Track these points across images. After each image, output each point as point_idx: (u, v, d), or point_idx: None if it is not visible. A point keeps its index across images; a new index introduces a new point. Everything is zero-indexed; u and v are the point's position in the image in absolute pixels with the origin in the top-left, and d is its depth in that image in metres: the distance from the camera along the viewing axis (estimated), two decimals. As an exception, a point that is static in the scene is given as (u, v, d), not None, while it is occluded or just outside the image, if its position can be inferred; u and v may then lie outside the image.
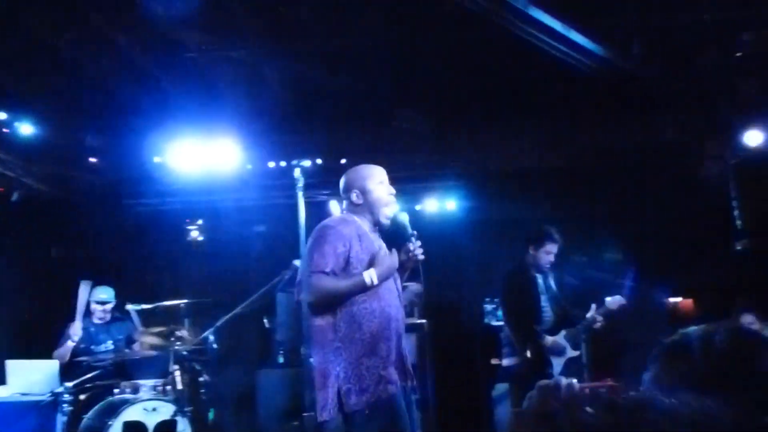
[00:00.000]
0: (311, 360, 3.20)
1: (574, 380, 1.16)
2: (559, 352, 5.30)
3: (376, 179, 3.43)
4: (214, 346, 5.61)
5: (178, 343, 5.49)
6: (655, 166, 6.59)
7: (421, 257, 3.34)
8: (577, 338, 5.39)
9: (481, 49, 5.38)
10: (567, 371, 5.25)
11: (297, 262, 5.49)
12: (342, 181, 3.54)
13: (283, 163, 6.87)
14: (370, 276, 3.19)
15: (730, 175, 6.02)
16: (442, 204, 7.13)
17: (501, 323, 6.79)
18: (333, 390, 3.14)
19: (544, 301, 5.36)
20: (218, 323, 5.49)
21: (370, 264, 3.25)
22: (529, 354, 5.21)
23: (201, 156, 6.31)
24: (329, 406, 3.12)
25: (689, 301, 8.30)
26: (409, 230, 3.37)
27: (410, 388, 3.35)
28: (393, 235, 3.50)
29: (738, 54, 5.60)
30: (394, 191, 3.44)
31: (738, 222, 6.11)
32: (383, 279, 3.23)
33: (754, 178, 6.13)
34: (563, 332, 5.37)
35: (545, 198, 6.74)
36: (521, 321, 5.28)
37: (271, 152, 6.82)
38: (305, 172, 4.28)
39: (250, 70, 5.86)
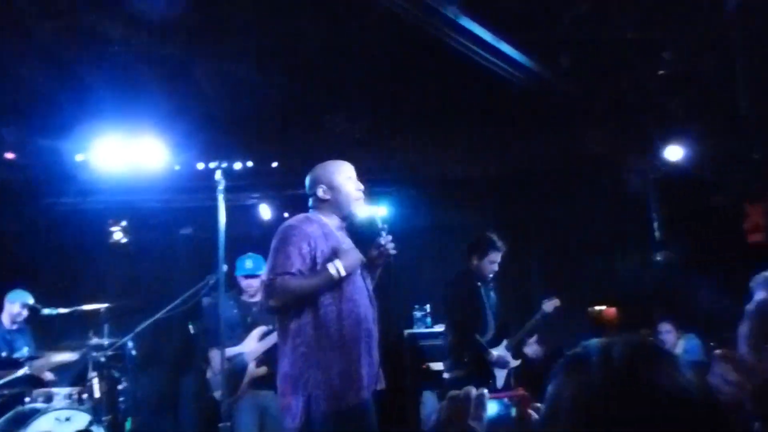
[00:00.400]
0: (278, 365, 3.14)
1: (485, 390, 1.17)
2: (503, 364, 5.26)
3: (344, 174, 3.30)
4: (133, 352, 5.43)
5: (96, 349, 5.30)
6: (581, 178, 6.76)
7: (393, 251, 3.22)
8: (518, 347, 5.39)
9: (414, 56, 5.41)
10: (507, 384, 5.23)
11: (224, 267, 5.41)
12: (308, 178, 3.38)
13: (212, 165, 6.71)
14: (336, 267, 3.05)
15: (651, 188, 6.23)
16: (372, 210, 7.10)
17: (432, 330, 6.84)
18: (301, 396, 3.01)
19: (487, 312, 5.29)
20: (138, 329, 5.30)
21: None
22: (467, 365, 5.14)
23: (126, 155, 6.10)
24: (297, 412, 3.01)
25: (613, 310, 8.56)
26: (379, 224, 3.26)
27: (379, 392, 3.26)
28: (360, 233, 3.42)
29: (660, 72, 5.82)
30: (362, 187, 3.32)
31: (657, 234, 6.32)
32: (350, 270, 3.10)
33: (673, 192, 6.36)
34: (504, 342, 5.34)
35: (473, 206, 6.82)
36: (466, 333, 5.15)
37: (200, 153, 6.66)
38: (227, 174, 4.18)
39: (178, 67, 5.72)
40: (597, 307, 8.60)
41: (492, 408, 1.24)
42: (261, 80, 5.85)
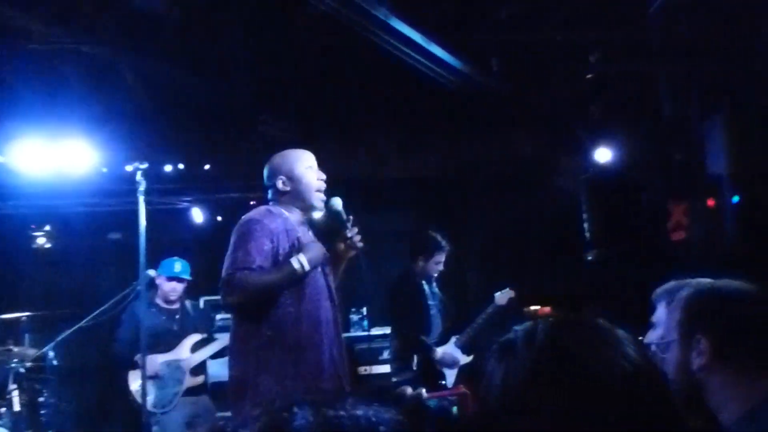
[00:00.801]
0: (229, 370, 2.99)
1: (423, 390, 1.14)
2: (451, 363, 5.20)
3: (305, 163, 3.16)
4: (55, 362, 5.24)
5: (16, 360, 5.08)
6: (514, 180, 6.87)
7: (360, 244, 3.09)
8: (468, 344, 5.32)
9: (345, 57, 5.40)
10: (460, 379, 5.17)
11: (151, 272, 5.26)
12: (266, 169, 3.23)
13: (144, 165, 6.53)
14: (300, 261, 2.90)
15: (581, 189, 6.36)
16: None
17: (370, 333, 6.79)
18: (249, 402, 2.85)
19: (434, 311, 5.26)
20: (60, 337, 5.11)
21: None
22: (415, 367, 5.07)
23: (50, 157, 5.86)
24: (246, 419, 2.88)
25: (547, 309, 8.71)
26: (344, 216, 3.13)
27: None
28: (324, 227, 3.30)
29: (588, 75, 5.96)
30: (324, 176, 3.19)
31: (587, 234, 6.45)
32: (314, 264, 2.95)
33: (602, 192, 6.51)
34: (453, 339, 5.30)
35: (407, 208, 6.84)
36: (410, 334, 5.09)
37: (129, 156, 6.47)
38: (156, 176, 4.06)
39: (105, 67, 5.55)
40: (533, 307, 8.74)
41: (432, 406, 1.22)
42: (192, 81, 5.74)
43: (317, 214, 3.32)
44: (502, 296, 5.55)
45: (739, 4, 4.89)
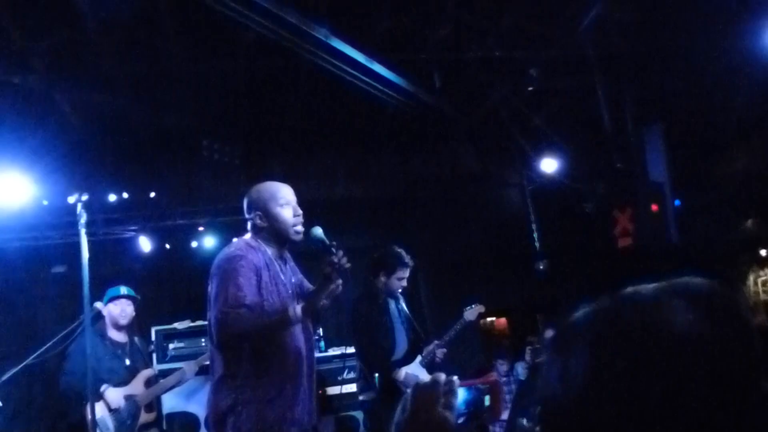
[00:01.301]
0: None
1: (455, 377, 1.06)
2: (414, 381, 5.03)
3: (280, 200, 3.04)
4: (0, 404, 5.04)
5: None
6: (461, 194, 6.92)
7: (348, 265, 2.96)
8: (433, 363, 5.07)
9: (287, 79, 5.38)
10: None
11: (98, 305, 5.12)
12: (244, 202, 3.13)
13: (85, 197, 6.37)
14: (295, 311, 2.86)
15: (528, 200, 6.45)
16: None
17: (326, 354, 6.70)
18: (230, 431, 2.85)
19: (398, 328, 5.06)
20: (4, 377, 4.92)
21: (279, 295, 2.95)
22: (378, 387, 4.88)
23: (-14, 192, 5.68)
24: None
25: (503, 320, 8.80)
26: (327, 242, 3.00)
27: (313, 428, 3.10)
28: (308, 253, 3.27)
29: (529, 88, 6.06)
30: (300, 212, 3.08)
31: (537, 244, 6.54)
32: (307, 315, 2.92)
33: (548, 202, 6.62)
34: (419, 358, 5.10)
35: (356, 227, 6.82)
36: (372, 354, 4.92)
37: (71, 187, 6.31)
38: (100, 206, 3.96)
39: (41, 98, 5.41)
40: (489, 319, 8.83)
41: (463, 395, 1.13)
42: (132, 109, 5.64)
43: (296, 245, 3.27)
44: (471, 312, 5.37)
45: (667, 16, 5.04)
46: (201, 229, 7.02)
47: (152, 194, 6.63)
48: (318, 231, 3.04)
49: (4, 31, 4.30)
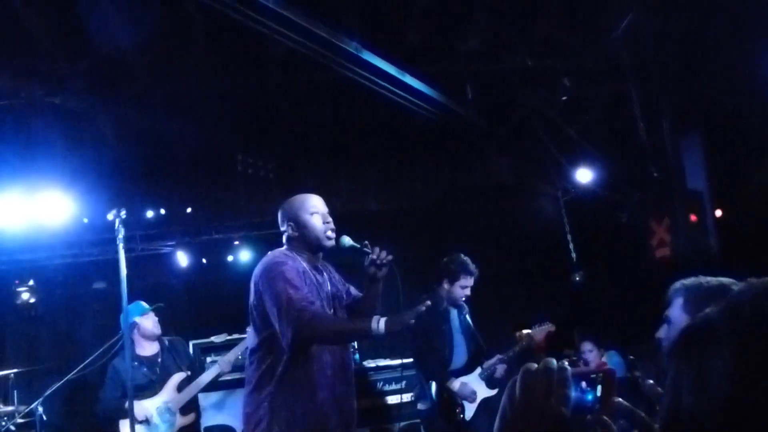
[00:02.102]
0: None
1: (566, 362, 0.97)
2: (469, 394, 4.87)
3: (309, 209, 3.14)
4: (44, 418, 5.14)
5: (6, 418, 5.01)
6: (494, 206, 6.86)
7: (390, 257, 3.05)
8: (493, 377, 5.00)
9: (319, 93, 5.42)
10: (482, 412, 4.88)
11: (138, 319, 5.20)
12: (279, 215, 3.24)
13: (123, 213, 6.48)
14: (378, 323, 2.84)
15: (563, 211, 6.37)
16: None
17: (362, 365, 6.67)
18: None
19: (458, 339, 5.01)
20: (47, 392, 5.02)
21: (321, 301, 3.01)
22: (434, 396, 4.84)
23: (28, 211, 5.82)
24: None
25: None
26: (358, 245, 3.09)
27: None
28: (346, 262, 3.31)
29: (563, 98, 6.00)
30: (330, 220, 3.15)
31: (573, 255, 6.45)
32: (389, 331, 2.87)
33: (584, 213, 6.52)
34: (478, 370, 5.02)
35: (388, 240, 6.80)
36: (429, 362, 4.88)
37: (109, 204, 6.44)
38: (127, 222, 4.04)
39: (79, 118, 5.55)
40: (525, 331, 8.69)
41: (576, 386, 1.02)
42: (168, 127, 5.74)
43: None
44: (540, 330, 5.24)
45: (702, 21, 4.95)
46: (236, 243, 7.10)
47: (188, 210, 6.74)
48: (346, 240, 3.12)
49: (44, 52, 4.43)
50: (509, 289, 7.11)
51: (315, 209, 3.15)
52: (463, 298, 5.02)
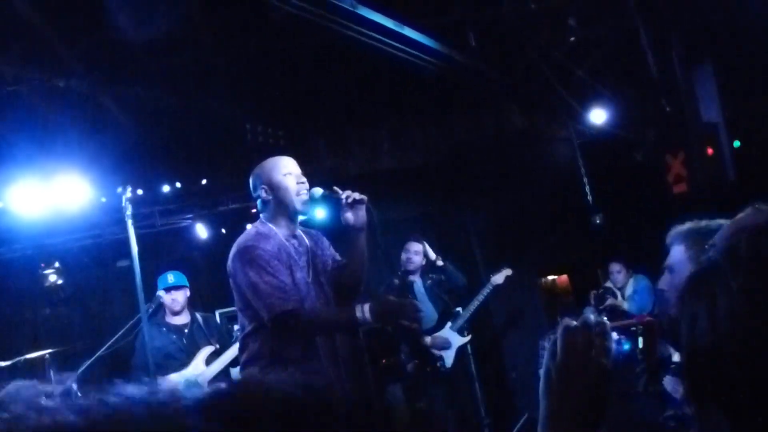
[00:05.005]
0: None
1: (604, 318, 0.99)
2: (443, 345, 5.47)
3: (283, 170, 3.09)
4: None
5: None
6: (509, 155, 6.81)
7: (361, 196, 3.02)
8: (464, 326, 5.60)
9: (322, 55, 5.36)
10: (459, 359, 5.53)
11: (161, 293, 5.30)
12: (250, 181, 3.20)
13: (140, 191, 6.55)
14: (363, 311, 2.81)
15: (578, 155, 6.29)
16: (311, 213, 7.10)
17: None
18: None
19: (425, 304, 5.37)
20: (80, 369, 5.16)
21: (295, 281, 2.96)
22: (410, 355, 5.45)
23: (47, 195, 5.91)
24: None
25: (564, 277, 8.68)
26: (328, 193, 3.07)
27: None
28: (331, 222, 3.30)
29: (571, 39, 5.86)
30: (304, 180, 3.09)
31: (590, 198, 6.39)
32: (378, 319, 2.86)
33: (599, 155, 6.44)
34: (449, 324, 5.54)
35: (406, 197, 6.80)
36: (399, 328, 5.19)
37: (126, 182, 6.50)
38: (135, 199, 4.08)
39: (87, 99, 5.56)
40: (550, 277, 8.72)
41: (616, 338, 1.00)
42: (174, 101, 5.74)
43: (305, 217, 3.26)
44: (499, 276, 5.68)
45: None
46: (254, 211, 7.13)
47: (204, 182, 6.78)
48: (316, 191, 3.08)
49: (42, 36, 4.42)
50: (529, 236, 7.10)
51: (287, 170, 3.09)
52: (412, 265, 5.51)
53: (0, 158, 5.57)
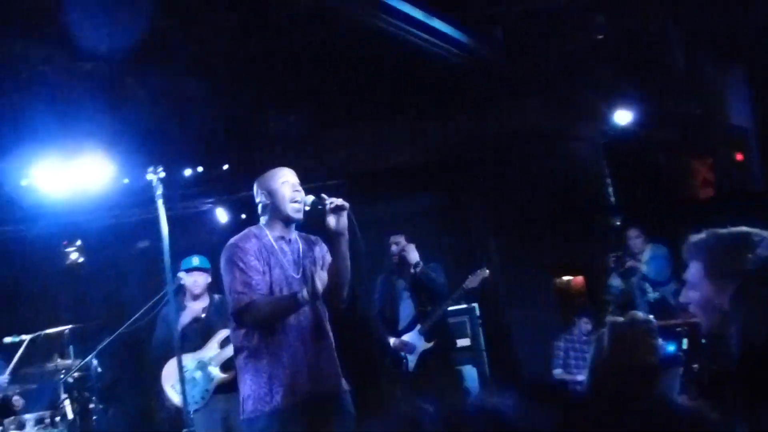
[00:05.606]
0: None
1: (651, 316, 1.00)
2: (406, 348, 5.54)
3: (281, 179, 3.42)
4: (99, 370, 5.39)
5: (64, 371, 5.28)
6: (530, 152, 6.74)
7: (342, 202, 3.27)
8: (429, 330, 5.54)
9: (345, 45, 5.34)
10: (421, 364, 5.52)
11: (181, 275, 5.35)
12: (254, 187, 3.54)
13: (161, 171, 6.60)
14: (302, 294, 3.18)
15: (602, 154, 6.21)
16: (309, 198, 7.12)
17: None
18: (241, 396, 3.30)
19: (405, 302, 5.60)
20: (99, 347, 5.26)
21: (272, 276, 3.30)
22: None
23: (71, 175, 6.00)
24: (240, 410, 3.32)
25: (580, 279, 8.58)
26: (317, 200, 3.34)
27: (342, 396, 3.37)
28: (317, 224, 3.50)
29: (599, 36, 5.79)
30: (299, 189, 3.40)
31: (612, 199, 6.31)
32: (315, 295, 3.19)
33: (624, 155, 6.35)
34: (418, 327, 5.55)
35: (423, 192, 6.78)
36: (375, 325, 5.67)
37: (149, 164, 6.55)
38: (176, 182, 4.19)
39: (113, 82, 5.62)
40: (565, 278, 8.63)
41: (662, 337, 1.03)
42: (198, 87, 5.77)
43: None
44: (473, 278, 5.57)
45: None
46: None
47: (225, 166, 6.82)
48: (308, 198, 3.36)
49: (68, 20, 4.47)
50: (547, 236, 7.03)
51: (284, 179, 3.41)
52: (395, 261, 5.60)
53: (27, 136, 5.65)
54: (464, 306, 6.33)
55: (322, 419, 3.28)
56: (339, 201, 3.26)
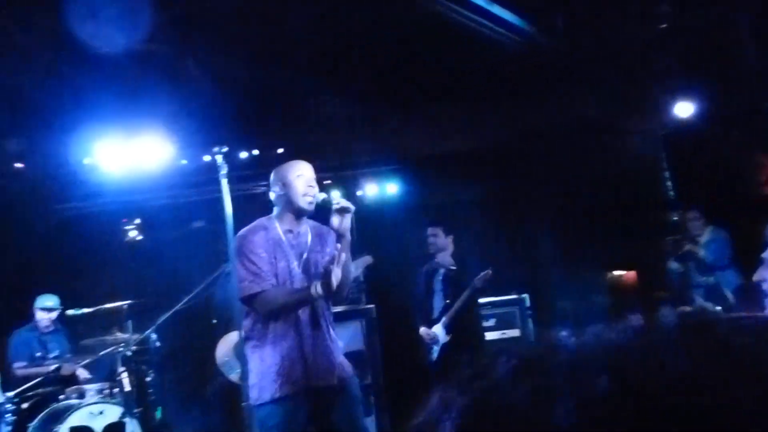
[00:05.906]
0: None
1: (719, 308, 1.00)
2: (428, 339, 5.76)
3: (296, 172, 3.47)
4: (158, 344, 5.57)
5: (122, 345, 5.47)
6: (586, 144, 6.62)
7: (348, 204, 3.34)
8: (449, 324, 5.72)
9: (403, 29, 5.32)
10: (441, 355, 5.71)
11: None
12: (271, 177, 3.62)
13: (219, 157, 6.72)
14: (316, 288, 3.25)
15: (661, 147, 6.06)
16: (382, 188, 7.15)
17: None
18: (249, 383, 3.31)
19: (438, 294, 5.80)
20: (158, 322, 5.42)
21: (277, 268, 3.37)
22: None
23: (131, 154, 6.17)
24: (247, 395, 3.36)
25: (632, 274, 8.42)
26: (328, 198, 3.41)
27: (342, 384, 3.41)
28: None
29: (662, 26, 5.63)
30: (314, 185, 3.45)
31: (672, 193, 6.16)
32: (328, 291, 3.25)
33: (685, 149, 6.18)
34: (444, 319, 5.73)
35: (477, 179, 6.72)
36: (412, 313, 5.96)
37: (206, 146, 6.69)
38: (231, 162, 4.27)
39: (173, 65, 5.73)
40: (616, 272, 8.48)
41: None
42: (254, 71, 5.84)
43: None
44: (479, 279, 5.73)
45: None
46: (327, 182, 7.24)
47: (280, 150, 6.90)
48: (320, 196, 3.43)
49: (130, 5, 4.58)
50: (600, 230, 6.91)
51: (300, 173, 3.46)
52: (433, 252, 5.82)
53: (90, 116, 5.82)
54: (514, 296, 6.33)
55: (325, 406, 3.36)
56: (345, 203, 3.34)
